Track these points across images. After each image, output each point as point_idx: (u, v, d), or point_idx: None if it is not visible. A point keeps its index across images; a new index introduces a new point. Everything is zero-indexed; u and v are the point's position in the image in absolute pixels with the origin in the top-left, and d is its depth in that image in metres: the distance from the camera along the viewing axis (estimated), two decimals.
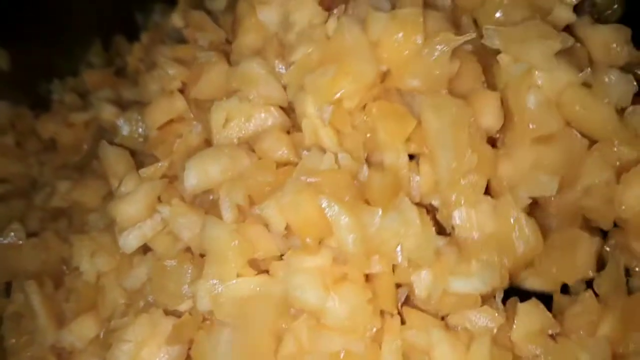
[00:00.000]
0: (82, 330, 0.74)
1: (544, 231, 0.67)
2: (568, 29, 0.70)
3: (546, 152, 0.66)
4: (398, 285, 0.66)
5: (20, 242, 0.84)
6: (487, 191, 0.67)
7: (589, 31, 0.73)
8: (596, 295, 0.67)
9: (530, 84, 0.66)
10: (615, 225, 0.70)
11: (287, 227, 0.63)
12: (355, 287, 0.61)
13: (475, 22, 0.71)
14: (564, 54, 0.66)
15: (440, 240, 0.64)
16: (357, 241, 0.60)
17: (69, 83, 1.11)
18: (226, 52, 0.81)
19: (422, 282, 0.63)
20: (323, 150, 0.66)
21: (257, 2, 0.73)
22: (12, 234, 0.85)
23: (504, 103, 0.67)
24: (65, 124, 1.00)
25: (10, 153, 1.02)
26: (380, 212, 0.61)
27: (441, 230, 0.67)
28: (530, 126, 0.65)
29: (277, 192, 0.63)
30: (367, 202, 0.63)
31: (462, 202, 0.64)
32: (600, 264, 0.70)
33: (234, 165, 0.66)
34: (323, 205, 0.60)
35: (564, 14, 0.69)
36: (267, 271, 0.65)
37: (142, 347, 0.68)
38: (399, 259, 0.61)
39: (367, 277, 0.63)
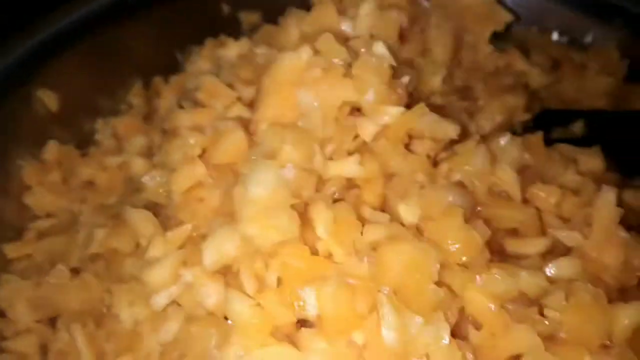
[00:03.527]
0: None
1: None
2: None
3: None
4: None
5: (65, 281, 0.85)
6: None
7: None
8: None
9: None
10: None
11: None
12: None
13: None
14: None
15: None
16: (396, 340, 0.60)
17: (111, 123, 1.10)
18: (242, 119, 0.80)
19: None
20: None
21: (297, 83, 0.72)
22: (58, 274, 0.86)
23: None
24: (101, 167, 1.01)
25: (56, 189, 1.02)
26: (421, 321, 0.60)
27: None
28: None
29: (317, 280, 0.63)
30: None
31: None
32: None
33: (247, 245, 0.66)
34: (382, 300, 0.60)
35: None
36: (287, 335, 0.65)
37: None
38: None
39: None
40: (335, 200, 0.69)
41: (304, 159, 0.68)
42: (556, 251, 0.76)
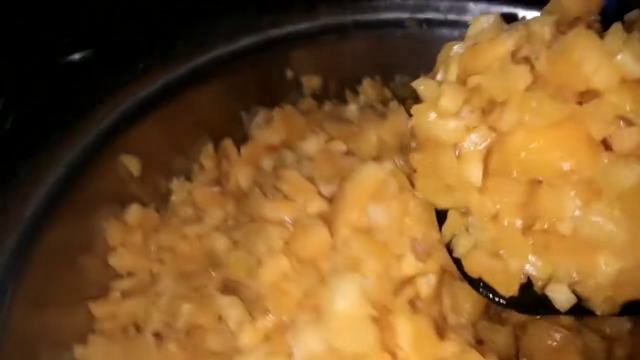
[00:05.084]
0: None
1: None
2: None
3: None
4: None
5: (151, 349, 0.90)
6: None
7: None
8: None
9: None
10: None
11: None
12: None
13: None
14: None
15: None
16: None
17: (187, 187, 1.15)
18: (323, 214, 0.83)
19: None
20: None
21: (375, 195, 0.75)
22: (144, 340, 0.91)
23: None
24: (181, 235, 1.04)
25: (137, 250, 1.06)
26: None
27: None
28: None
29: None
30: None
31: None
32: None
33: (332, 351, 0.71)
34: None
35: None
36: None
37: None
38: None
39: None
40: (411, 302, 0.72)
41: (383, 270, 0.71)
42: None
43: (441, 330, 0.70)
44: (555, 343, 0.79)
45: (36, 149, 1.03)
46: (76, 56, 1.34)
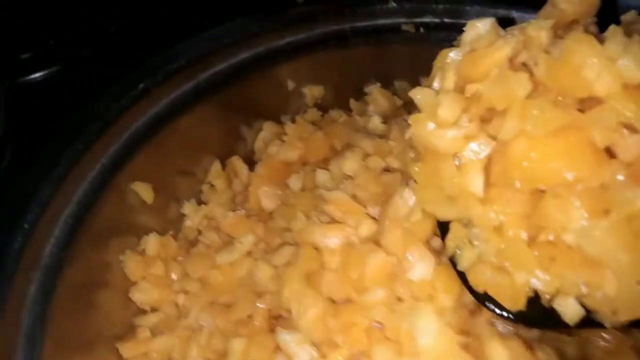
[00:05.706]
0: None
1: None
2: None
3: None
4: None
5: None
6: None
7: None
8: None
9: None
10: None
11: None
12: None
13: None
14: None
15: None
16: None
17: (201, 210, 1.10)
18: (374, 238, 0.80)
19: None
20: None
21: None
22: None
23: None
24: (209, 264, 0.98)
25: (160, 282, 1.01)
26: None
27: None
28: None
29: None
30: None
31: None
32: None
33: None
34: None
35: None
36: None
37: None
38: None
39: None
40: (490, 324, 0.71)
41: (458, 296, 0.70)
42: None
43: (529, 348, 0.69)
44: (608, 345, 0.79)
45: (43, 187, 0.94)
46: (37, 75, 1.25)
